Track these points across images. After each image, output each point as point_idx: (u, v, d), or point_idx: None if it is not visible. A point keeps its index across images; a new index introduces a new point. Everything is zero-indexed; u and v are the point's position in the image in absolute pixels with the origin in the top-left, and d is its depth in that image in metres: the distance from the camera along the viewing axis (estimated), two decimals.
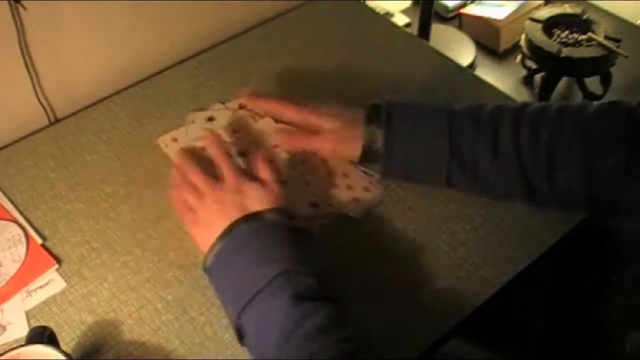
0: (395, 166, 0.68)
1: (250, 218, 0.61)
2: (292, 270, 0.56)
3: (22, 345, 0.56)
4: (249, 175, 0.65)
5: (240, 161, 0.72)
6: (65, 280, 0.69)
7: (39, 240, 0.72)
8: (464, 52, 1.10)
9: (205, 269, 0.63)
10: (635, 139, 0.60)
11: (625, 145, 0.61)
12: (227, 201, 0.63)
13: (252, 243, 0.59)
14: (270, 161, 0.67)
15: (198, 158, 0.69)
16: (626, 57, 0.96)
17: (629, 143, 0.61)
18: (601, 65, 0.98)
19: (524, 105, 0.67)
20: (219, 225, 0.61)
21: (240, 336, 0.58)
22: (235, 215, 0.61)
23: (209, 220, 0.63)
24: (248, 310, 0.56)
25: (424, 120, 0.67)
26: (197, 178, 0.67)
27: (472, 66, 1.09)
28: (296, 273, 0.56)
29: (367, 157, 0.70)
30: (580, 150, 0.62)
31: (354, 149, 0.70)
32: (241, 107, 0.84)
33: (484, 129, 0.65)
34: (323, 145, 0.72)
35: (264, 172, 0.65)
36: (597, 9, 1.11)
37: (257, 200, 0.62)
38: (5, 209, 0.75)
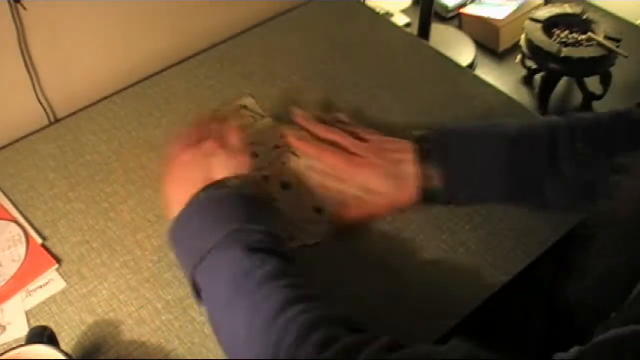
0: (457, 198, 0.65)
1: (213, 186, 0.61)
2: (244, 228, 0.57)
3: (22, 345, 0.56)
4: (224, 143, 0.66)
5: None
6: (65, 280, 0.69)
7: (39, 240, 0.72)
8: (464, 52, 1.10)
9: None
10: None
11: None
12: (197, 164, 0.64)
13: (210, 207, 0.60)
14: (241, 132, 0.67)
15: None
16: (626, 57, 0.96)
17: None
18: (601, 65, 0.98)
19: (577, 120, 0.64)
20: (184, 192, 0.62)
21: (198, 295, 0.58)
22: (200, 181, 0.62)
23: (178, 183, 0.64)
24: (202, 267, 0.56)
25: (478, 149, 0.63)
26: (189, 137, 0.68)
27: (472, 66, 1.09)
28: (248, 230, 0.57)
29: (426, 198, 0.64)
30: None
31: (410, 196, 0.64)
32: (243, 107, 0.84)
33: (539, 149, 0.62)
34: (378, 207, 0.67)
35: (233, 139, 0.66)
36: (597, 9, 1.11)
37: (223, 167, 0.63)
38: (5, 209, 0.75)
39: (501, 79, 1.08)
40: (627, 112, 0.63)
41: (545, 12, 1.03)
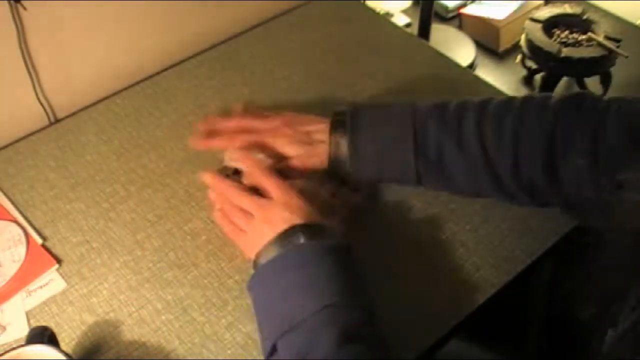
0: (363, 169, 0.66)
1: (310, 229, 0.59)
2: (342, 304, 0.53)
3: (22, 346, 0.56)
4: (293, 189, 0.64)
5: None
6: (65, 280, 0.69)
7: (39, 240, 0.72)
8: (464, 52, 1.10)
9: (254, 267, 0.61)
10: (599, 134, 0.58)
11: (589, 141, 0.58)
12: (276, 217, 0.61)
13: (307, 263, 0.56)
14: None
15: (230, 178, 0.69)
16: (626, 57, 0.96)
17: (593, 139, 0.58)
18: (601, 65, 0.98)
19: (489, 99, 0.66)
20: (270, 236, 0.60)
21: (270, 353, 0.55)
22: (297, 212, 0.60)
23: (259, 235, 0.61)
24: (288, 337, 0.53)
25: (387, 122, 0.66)
26: (242, 200, 0.65)
27: (472, 66, 1.09)
28: (346, 308, 0.53)
29: (335, 165, 0.68)
30: (543, 145, 0.60)
31: (321, 161, 0.68)
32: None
33: (448, 126, 0.64)
34: (292, 166, 0.69)
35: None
36: (597, 9, 1.11)
37: (305, 216, 0.60)
38: (5, 209, 0.75)
39: (501, 79, 1.08)
40: (539, 99, 0.63)
41: (545, 12, 1.03)
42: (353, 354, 0.51)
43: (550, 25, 1.02)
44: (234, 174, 0.70)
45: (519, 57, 1.07)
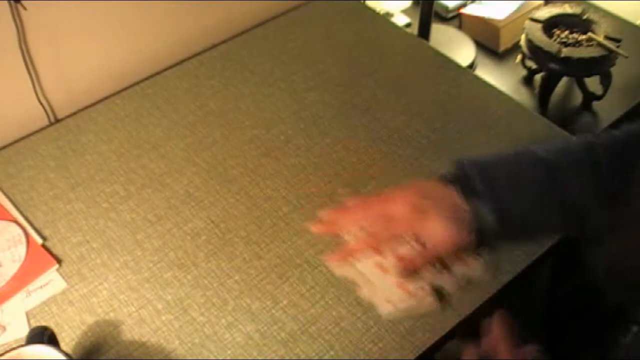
0: (511, 234, 0.58)
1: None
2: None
3: (22, 345, 0.56)
4: None
5: None
6: (65, 280, 0.69)
7: (39, 241, 0.72)
8: (464, 52, 1.10)
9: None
10: None
11: None
12: None
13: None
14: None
15: None
16: (626, 57, 0.95)
17: None
18: (601, 65, 0.97)
19: (612, 138, 0.60)
20: None
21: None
22: None
23: None
24: None
25: (523, 179, 0.58)
26: None
27: (472, 66, 1.09)
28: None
29: (479, 237, 0.57)
30: None
31: (462, 233, 0.56)
32: None
33: (587, 176, 0.58)
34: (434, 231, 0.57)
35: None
36: (597, 9, 1.11)
37: None
38: (5, 209, 0.75)
39: (501, 79, 1.08)
40: None
41: (545, 12, 1.03)
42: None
43: (550, 25, 1.02)
44: None
45: (519, 57, 1.07)
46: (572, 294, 0.82)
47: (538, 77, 1.05)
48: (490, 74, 1.08)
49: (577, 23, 1.02)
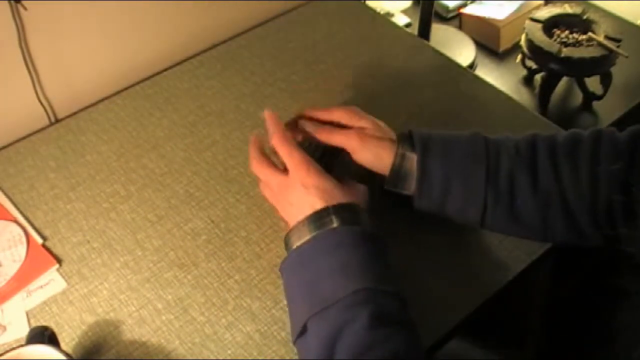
0: (427, 193, 0.63)
1: (345, 210, 0.59)
2: (376, 289, 0.54)
3: (22, 345, 0.56)
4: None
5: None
6: (66, 280, 0.69)
7: (39, 240, 0.72)
8: (464, 52, 1.10)
9: (286, 247, 0.61)
10: None
11: None
12: (300, 202, 0.61)
13: (342, 246, 0.57)
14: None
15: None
16: (626, 57, 0.96)
17: None
18: (601, 65, 0.98)
19: (555, 134, 0.63)
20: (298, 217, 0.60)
21: (300, 334, 0.55)
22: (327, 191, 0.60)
23: (288, 216, 0.63)
24: (322, 316, 0.53)
25: (459, 148, 0.63)
26: (264, 173, 0.66)
27: (472, 66, 1.09)
28: (377, 291, 0.54)
29: (393, 177, 0.65)
30: (620, 182, 0.58)
31: (382, 162, 0.65)
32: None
33: (521, 158, 0.61)
34: (349, 142, 0.66)
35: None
36: (597, 9, 1.11)
37: (333, 198, 0.60)
38: (5, 209, 0.75)
39: (501, 79, 1.08)
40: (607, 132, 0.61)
41: (545, 12, 1.03)
42: (385, 336, 0.51)
43: (550, 25, 1.02)
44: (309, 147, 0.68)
45: (519, 57, 1.07)
46: (572, 294, 0.82)
47: (538, 77, 1.05)
48: (490, 74, 1.08)
49: (577, 23, 1.02)
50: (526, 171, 0.60)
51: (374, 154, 0.64)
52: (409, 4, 1.22)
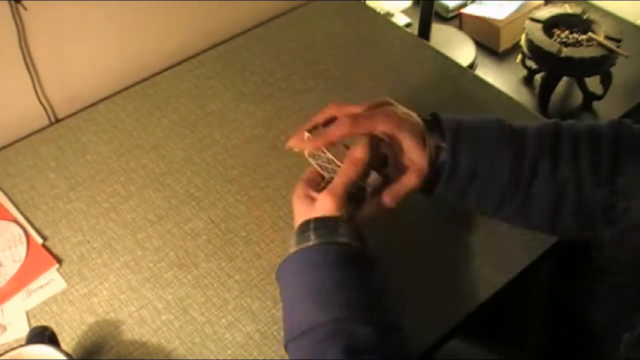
0: (454, 181, 0.60)
1: (320, 224, 0.57)
2: (351, 318, 0.52)
3: (22, 345, 0.56)
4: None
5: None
6: (66, 280, 0.69)
7: (40, 240, 0.72)
8: (464, 52, 1.10)
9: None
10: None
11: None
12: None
13: (317, 265, 0.55)
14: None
15: None
16: (626, 57, 0.96)
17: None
18: (601, 65, 0.98)
19: (572, 124, 0.62)
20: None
21: (286, 350, 0.55)
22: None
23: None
24: (296, 343, 0.53)
25: (488, 134, 0.61)
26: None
27: (472, 66, 1.09)
28: (351, 321, 0.52)
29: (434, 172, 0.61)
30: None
31: (419, 152, 0.60)
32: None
33: (546, 146, 0.59)
34: (385, 126, 0.61)
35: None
36: (597, 9, 1.11)
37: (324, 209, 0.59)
38: (5, 209, 0.75)
39: (501, 79, 1.08)
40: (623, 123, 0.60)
41: (545, 12, 1.03)
42: None
43: (551, 25, 1.02)
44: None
45: (519, 57, 1.07)
46: (572, 294, 0.82)
47: (538, 77, 1.05)
48: (490, 74, 1.08)
49: (577, 23, 1.02)
50: (548, 157, 0.59)
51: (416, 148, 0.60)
52: (409, 4, 1.22)
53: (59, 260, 0.70)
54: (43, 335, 0.58)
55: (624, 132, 0.60)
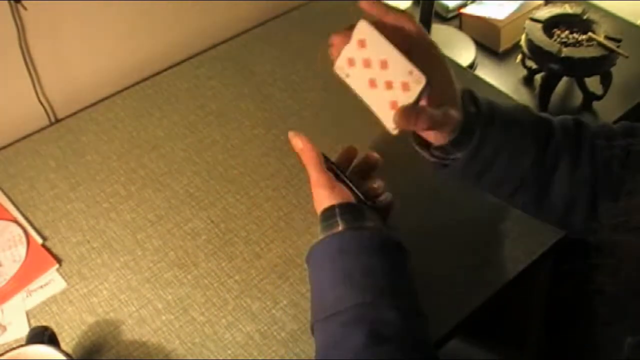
0: (475, 162, 0.60)
1: (346, 210, 0.58)
2: (373, 303, 0.53)
3: (22, 345, 0.56)
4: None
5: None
6: (66, 280, 0.69)
7: (39, 240, 0.72)
8: (464, 52, 1.10)
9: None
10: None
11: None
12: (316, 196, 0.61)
13: (347, 253, 0.56)
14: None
15: None
16: (626, 57, 0.96)
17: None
18: (601, 65, 0.97)
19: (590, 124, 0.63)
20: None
21: (312, 331, 0.56)
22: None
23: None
24: (323, 325, 0.54)
25: (518, 121, 0.61)
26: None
27: (472, 66, 1.09)
28: (378, 306, 0.53)
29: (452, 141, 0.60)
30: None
31: (451, 96, 0.61)
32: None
33: (569, 138, 0.60)
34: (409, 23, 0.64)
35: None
36: (597, 9, 1.11)
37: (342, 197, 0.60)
38: (5, 209, 0.75)
39: (501, 79, 1.08)
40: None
41: (545, 12, 1.03)
42: (380, 355, 0.50)
43: (551, 25, 1.02)
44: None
45: (519, 57, 1.07)
46: (572, 294, 0.82)
47: (538, 77, 1.05)
48: (490, 74, 1.08)
49: (577, 23, 1.02)
50: (570, 149, 0.60)
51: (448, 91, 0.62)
52: (409, 4, 1.22)
53: (59, 260, 0.70)
54: (43, 335, 0.58)
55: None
